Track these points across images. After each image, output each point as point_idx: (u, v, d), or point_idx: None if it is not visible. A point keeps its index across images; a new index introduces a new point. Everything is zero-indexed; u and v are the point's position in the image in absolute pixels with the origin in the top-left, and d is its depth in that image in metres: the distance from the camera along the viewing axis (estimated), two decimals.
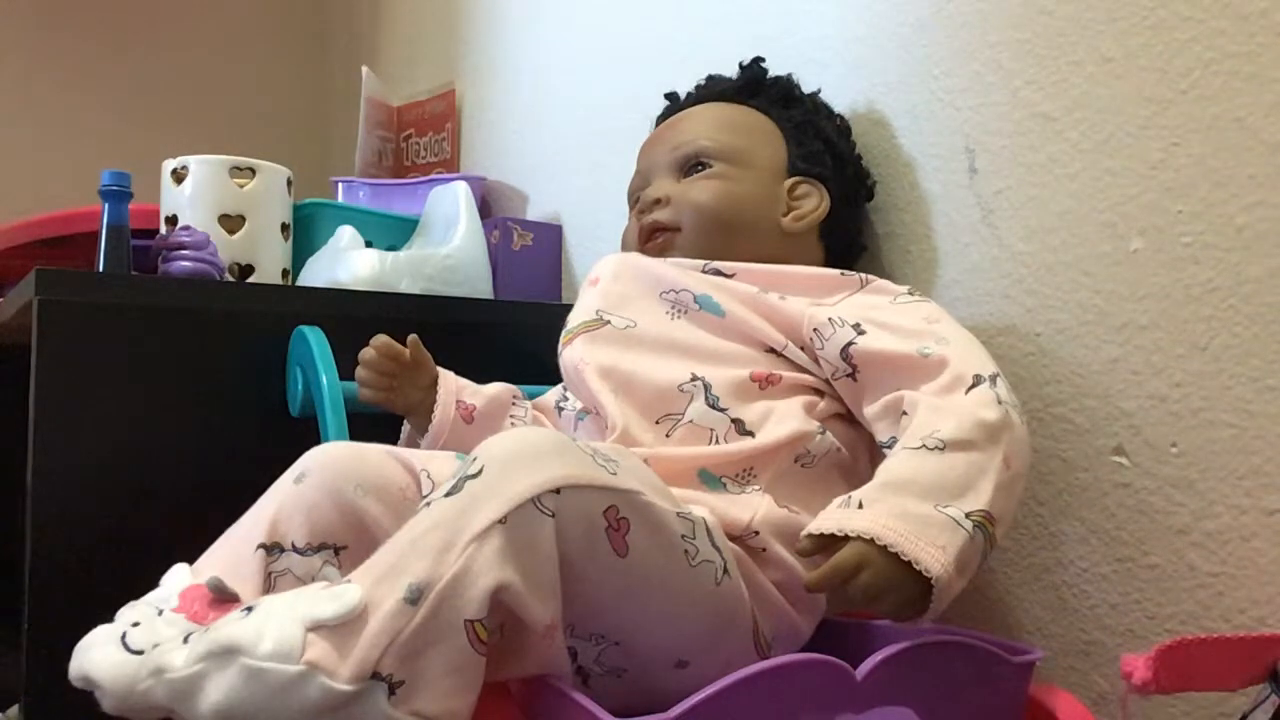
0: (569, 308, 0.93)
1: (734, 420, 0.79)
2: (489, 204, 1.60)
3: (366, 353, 0.93)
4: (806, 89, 0.99)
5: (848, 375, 0.79)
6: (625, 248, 0.96)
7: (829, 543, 0.64)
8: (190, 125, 2.08)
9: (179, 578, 0.67)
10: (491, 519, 0.57)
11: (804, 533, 0.66)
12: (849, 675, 0.60)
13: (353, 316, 1.05)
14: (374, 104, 1.73)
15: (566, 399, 0.91)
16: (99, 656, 0.60)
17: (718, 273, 0.87)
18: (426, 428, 0.91)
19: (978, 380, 0.72)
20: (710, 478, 0.76)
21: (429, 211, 1.40)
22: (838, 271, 0.87)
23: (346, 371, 0.95)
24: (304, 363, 0.99)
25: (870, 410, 0.78)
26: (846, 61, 1.01)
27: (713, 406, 0.79)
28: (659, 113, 1.05)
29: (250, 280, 1.19)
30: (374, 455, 0.75)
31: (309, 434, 0.91)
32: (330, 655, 0.54)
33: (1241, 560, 0.71)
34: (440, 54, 1.81)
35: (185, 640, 0.57)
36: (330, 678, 0.53)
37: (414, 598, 0.55)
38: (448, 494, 0.59)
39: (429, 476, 0.74)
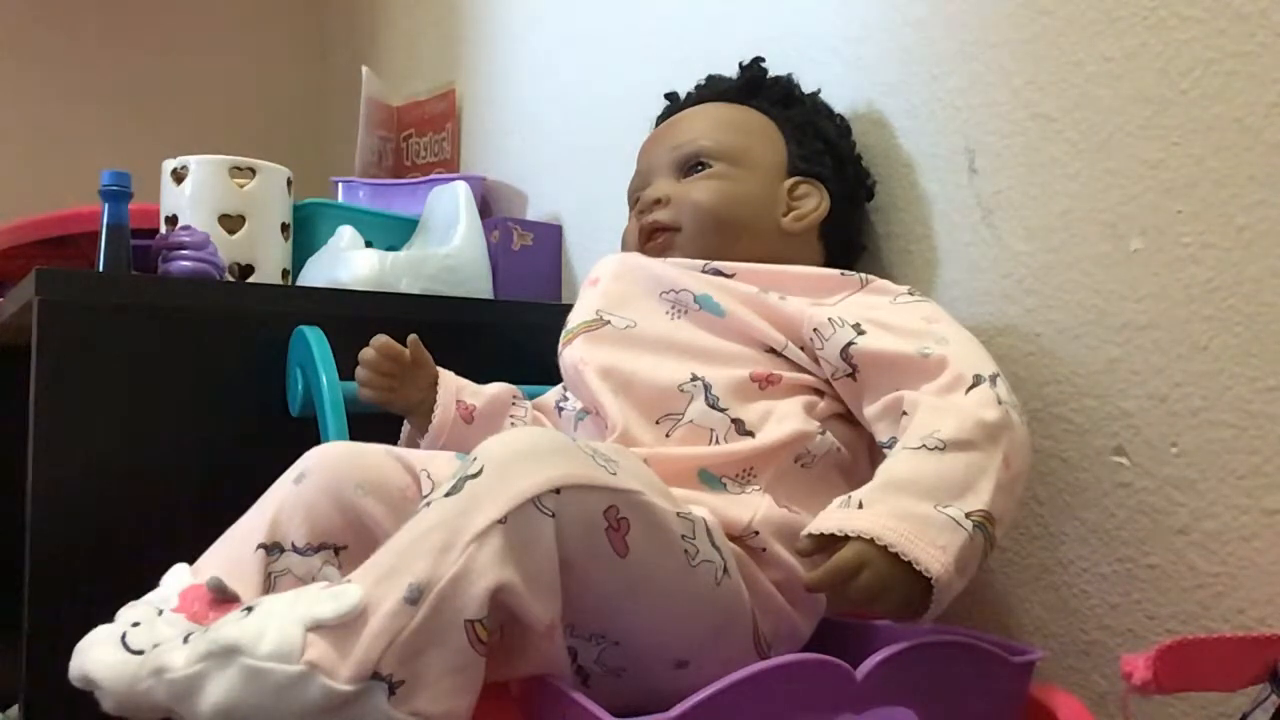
0: (569, 308, 0.93)
1: (734, 420, 0.79)
2: (489, 204, 1.60)
3: (366, 353, 0.93)
4: (806, 89, 0.99)
5: (848, 375, 0.79)
6: (625, 248, 0.96)
7: (829, 543, 0.64)
8: (190, 125, 2.08)
9: (179, 578, 0.67)
10: (491, 519, 0.57)
11: (804, 533, 0.66)
12: (849, 675, 0.60)
13: (353, 316, 1.05)
14: (374, 104, 1.73)
15: (566, 399, 0.91)
16: (99, 656, 0.60)
17: (718, 273, 0.87)
18: (426, 428, 0.91)
19: (978, 380, 0.72)
20: (710, 478, 0.76)
21: (429, 211, 1.40)
22: (838, 271, 0.87)
23: (346, 371, 0.95)
24: (304, 363, 0.99)
25: (870, 410, 0.78)
26: (846, 61, 1.01)
27: (713, 406, 0.79)
28: (659, 113, 1.05)
29: (250, 280, 1.19)
30: (374, 455, 0.75)
31: (309, 434, 0.91)
32: (330, 655, 0.54)
33: (1241, 560, 0.71)
34: (440, 54, 1.81)
35: (185, 640, 0.57)
36: (330, 678, 0.53)
37: (414, 598, 0.55)
38: (448, 494, 0.59)
39: (429, 476, 0.74)
